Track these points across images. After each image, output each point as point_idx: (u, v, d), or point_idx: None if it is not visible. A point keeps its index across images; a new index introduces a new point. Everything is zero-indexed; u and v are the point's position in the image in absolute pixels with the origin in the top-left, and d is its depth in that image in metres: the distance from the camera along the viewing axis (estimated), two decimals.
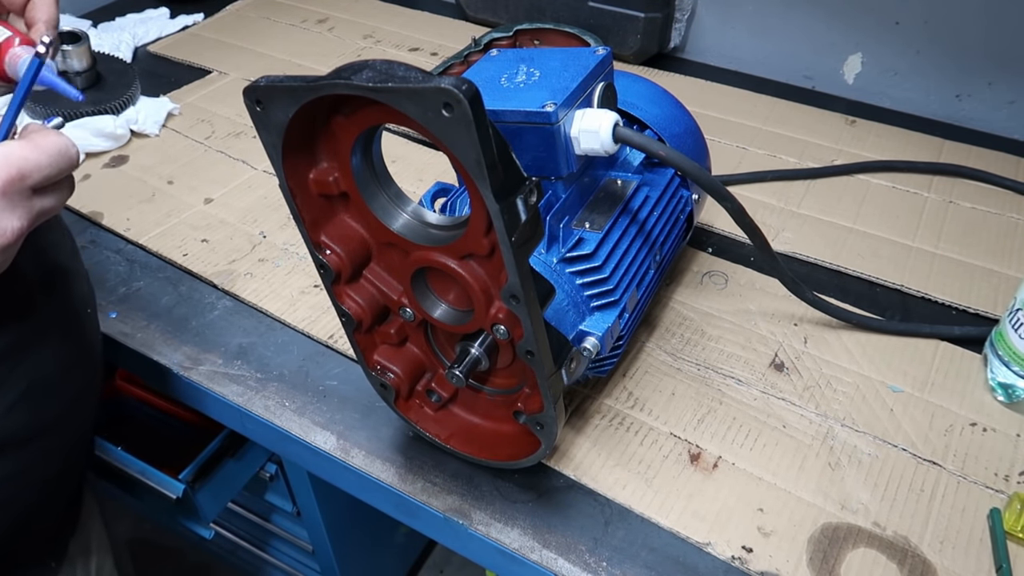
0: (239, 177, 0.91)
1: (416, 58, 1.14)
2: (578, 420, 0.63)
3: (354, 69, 0.38)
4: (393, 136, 0.96)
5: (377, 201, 0.48)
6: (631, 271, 0.59)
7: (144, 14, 1.23)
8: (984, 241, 0.81)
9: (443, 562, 1.40)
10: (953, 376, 0.67)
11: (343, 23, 1.23)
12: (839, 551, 0.54)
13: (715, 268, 0.78)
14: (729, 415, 0.64)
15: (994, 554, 0.54)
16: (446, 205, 0.61)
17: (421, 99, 0.36)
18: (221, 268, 0.78)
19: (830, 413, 0.64)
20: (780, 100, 1.04)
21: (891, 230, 0.82)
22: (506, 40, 1.06)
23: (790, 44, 1.08)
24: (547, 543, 0.55)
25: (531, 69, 0.55)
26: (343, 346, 0.69)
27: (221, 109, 1.02)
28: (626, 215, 0.60)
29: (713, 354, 0.69)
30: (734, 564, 0.54)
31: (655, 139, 0.58)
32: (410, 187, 0.88)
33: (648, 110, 0.67)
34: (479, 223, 0.42)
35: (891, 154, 0.93)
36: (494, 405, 0.57)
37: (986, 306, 0.73)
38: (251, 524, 1.07)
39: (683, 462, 0.60)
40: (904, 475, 0.59)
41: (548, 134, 0.51)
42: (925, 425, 0.63)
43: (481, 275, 0.45)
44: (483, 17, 1.21)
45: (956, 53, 0.98)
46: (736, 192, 0.82)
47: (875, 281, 0.77)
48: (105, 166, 0.92)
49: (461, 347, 0.51)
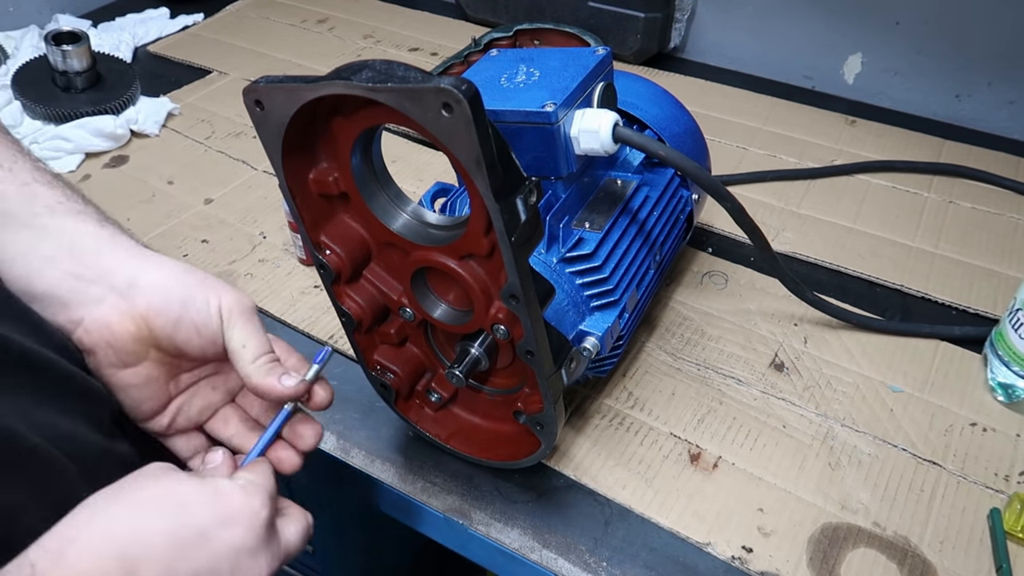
0: (239, 177, 0.91)
1: (416, 58, 1.14)
2: (578, 420, 0.63)
3: (354, 69, 0.38)
4: (393, 136, 0.96)
5: (377, 201, 0.48)
6: (631, 271, 0.59)
7: (144, 14, 1.23)
8: (984, 241, 0.81)
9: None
10: (953, 376, 0.67)
11: (343, 23, 1.23)
12: (839, 551, 0.54)
13: (715, 268, 0.78)
14: (729, 415, 0.64)
15: (994, 554, 0.54)
16: (446, 205, 0.61)
17: (421, 99, 0.36)
18: (221, 269, 0.78)
19: (830, 413, 0.64)
20: (780, 100, 1.04)
21: (891, 230, 0.82)
22: (506, 40, 1.06)
23: (790, 44, 1.08)
24: (547, 543, 0.55)
25: (531, 69, 0.55)
26: (343, 346, 0.69)
27: (221, 109, 1.02)
28: (626, 215, 0.59)
29: (713, 354, 0.69)
30: (734, 564, 0.54)
31: (655, 139, 0.59)
32: (410, 187, 0.88)
33: (648, 110, 0.67)
34: (479, 223, 0.42)
35: (891, 154, 0.93)
36: (494, 405, 0.57)
37: (986, 306, 0.73)
38: None
39: (683, 462, 0.60)
40: (904, 475, 0.59)
41: (548, 134, 0.51)
42: (925, 425, 0.63)
43: (481, 275, 0.45)
44: (483, 17, 1.21)
45: (956, 53, 0.98)
46: (736, 192, 0.82)
47: (875, 281, 0.77)
48: (105, 166, 0.92)
49: (461, 347, 0.51)
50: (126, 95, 0.97)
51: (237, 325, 0.43)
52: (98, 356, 0.42)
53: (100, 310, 0.42)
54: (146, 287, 0.42)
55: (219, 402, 0.47)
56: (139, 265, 0.43)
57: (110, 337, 0.42)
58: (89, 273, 0.42)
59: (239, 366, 0.43)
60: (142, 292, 0.42)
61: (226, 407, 0.48)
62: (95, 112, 0.95)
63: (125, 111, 0.97)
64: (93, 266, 0.42)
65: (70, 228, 0.42)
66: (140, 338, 0.42)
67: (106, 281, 0.42)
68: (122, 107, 0.97)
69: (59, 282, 0.41)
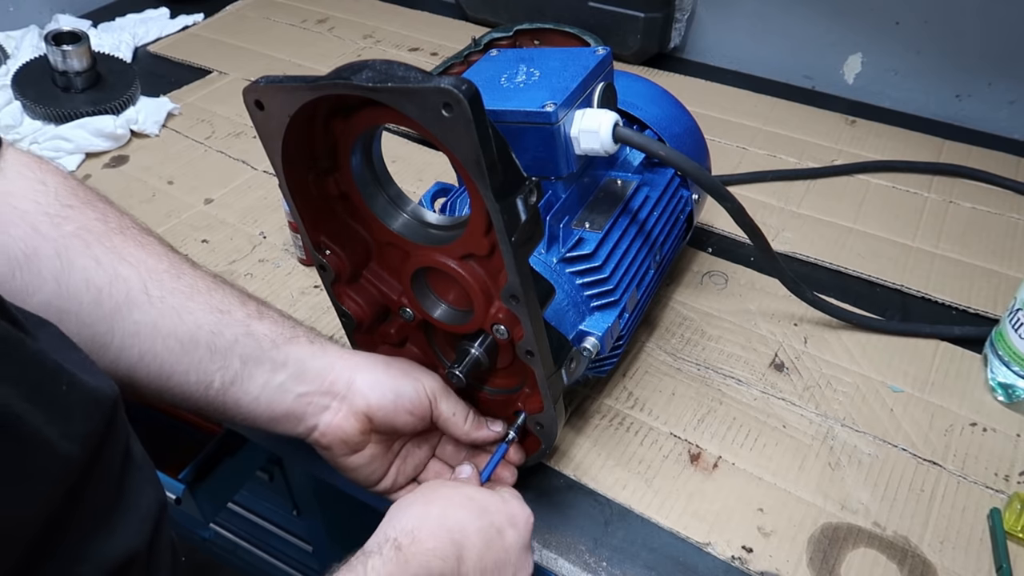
0: (239, 177, 0.90)
1: (416, 58, 1.14)
2: (578, 420, 0.63)
3: (354, 69, 0.38)
4: (393, 136, 0.96)
5: (377, 201, 0.48)
6: (631, 271, 0.59)
7: (144, 14, 1.23)
8: (984, 241, 0.81)
9: None
10: (953, 376, 0.67)
11: (343, 23, 1.23)
12: (839, 551, 0.54)
13: (715, 268, 0.78)
14: (729, 415, 0.64)
15: (994, 554, 0.54)
16: (446, 205, 0.61)
17: (421, 99, 0.36)
18: (221, 269, 0.78)
19: (830, 413, 0.64)
20: (780, 100, 1.04)
21: (891, 230, 0.82)
22: (506, 40, 1.06)
23: (790, 44, 1.08)
24: (547, 543, 0.55)
25: (531, 69, 0.54)
26: (343, 346, 0.69)
27: (221, 109, 1.02)
28: (626, 215, 0.59)
29: (713, 354, 0.69)
30: (734, 564, 0.54)
31: (655, 139, 0.59)
32: (410, 187, 0.88)
33: (648, 110, 0.67)
34: (479, 223, 0.42)
35: (891, 154, 0.93)
36: (494, 405, 0.57)
37: (986, 306, 0.73)
38: (251, 524, 1.07)
39: (683, 462, 0.60)
40: (904, 475, 0.59)
41: (548, 134, 0.51)
42: (925, 425, 0.63)
43: (481, 275, 0.45)
44: (483, 17, 1.21)
45: (956, 53, 0.98)
46: (736, 192, 0.82)
47: (875, 281, 0.77)
48: (105, 166, 0.92)
49: (461, 347, 0.51)
50: (126, 95, 0.97)
51: (443, 400, 0.53)
52: (333, 450, 0.52)
53: (329, 416, 0.51)
54: (363, 388, 0.51)
55: (425, 457, 0.57)
56: (353, 370, 0.52)
57: (342, 435, 0.51)
58: (316, 390, 0.51)
59: (455, 431, 0.54)
60: (361, 394, 0.51)
61: (432, 461, 0.57)
62: (95, 112, 0.94)
63: (125, 111, 0.97)
64: (317, 382, 0.51)
65: (293, 358, 0.51)
66: (364, 431, 0.52)
67: (330, 393, 0.51)
68: (122, 107, 0.97)
69: (294, 403, 0.50)
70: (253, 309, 0.51)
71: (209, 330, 0.48)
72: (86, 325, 0.44)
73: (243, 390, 0.49)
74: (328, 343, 0.54)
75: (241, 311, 0.50)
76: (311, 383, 0.51)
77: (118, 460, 0.36)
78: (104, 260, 0.46)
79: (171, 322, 0.47)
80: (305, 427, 0.51)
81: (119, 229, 0.48)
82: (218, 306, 0.49)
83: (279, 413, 0.50)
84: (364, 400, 0.51)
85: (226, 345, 0.48)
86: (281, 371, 0.50)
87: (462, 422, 0.53)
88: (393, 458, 0.55)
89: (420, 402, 0.52)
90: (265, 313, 0.52)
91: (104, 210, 0.48)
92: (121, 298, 0.45)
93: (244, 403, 0.49)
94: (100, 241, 0.46)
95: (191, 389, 0.48)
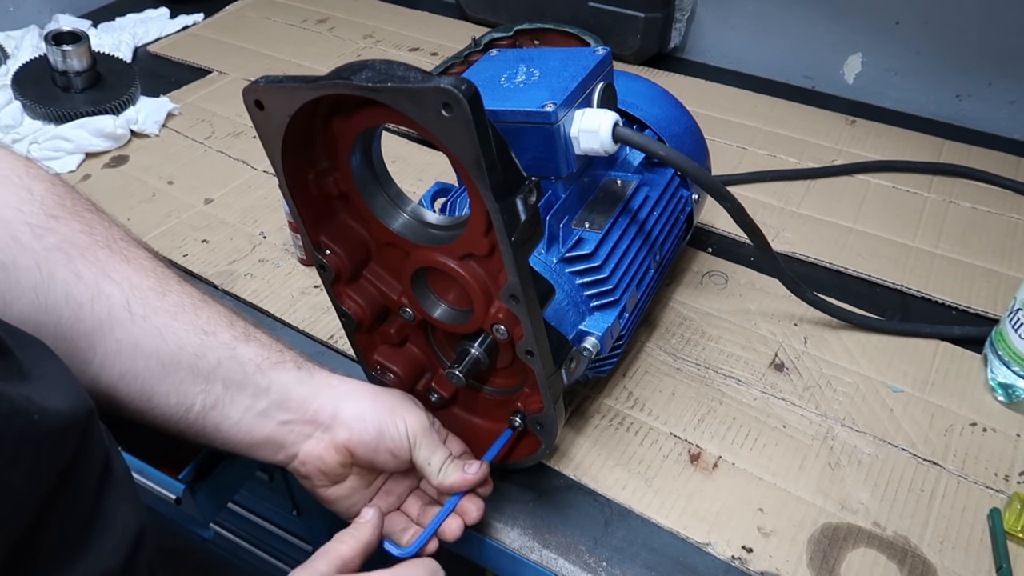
0: (239, 177, 0.90)
1: (416, 58, 1.14)
2: (578, 420, 0.63)
3: (354, 69, 0.38)
4: (393, 136, 0.96)
5: (377, 201, 0.48)
6: (631, 271, 0.59)
7: (144, 14, 1.23)
8: (984, 241, 0.81)
9: None
10: (953, 376, 0.67)
11: (343, 23, 1.23)
12: (839, 551, 0.54)
13: (715, 268, 0.78)
14: (729, 415, 0.64)
15: (994, 554, 0.54)
16: (446, 205, 0.61)
17: (420, 99, 0.36)
18: (221, 268, 0.78)
19: (830, 413, 0.64)
20: (780, 100, 1.04)
21: (891, 230, 0.82)
22: (506, 40, 1.06)
23: (790, 44, 1.08)
24: (547, 543, 0.55)
25: (531, 69, 0.54)
26: (343, 346, 0.69)
27: (221, 109, 1.02)
28: (626, 215, 0.59)
29: (713, 354, 0.69)
30: (734, 564, 0.54)
31: (655, 139, 0.59)
32: (410, 187, 0.88)
33: (648, 110, 0.67)
34: (479, 223, 0.42)
35: (891, 154, 0.93)
36: (494, 405, 0.57)
37: (986, 306, 0.73)
38: (251, 524, 1.07)
39: (683, 462, 0.60)
40: (904, 475, 0.59)
41: (548, 134, 0.51)
42: (925, 425, 0.63)
43: (481, 275, 0.45)
44: (483, 17, 1.21)
45: (956, 53, 0.98)
46: (736, 192, 0.82)
47: (875, 281, 0.77)
48: (105, 166, 0.92)
49: (461, 347, 0.51)
50: (126, 95, 0.97)
51: (422, 446, 0.51)
52: (312, 480, 0.51)
53: (310, 445, 0.50)
54: (347, 419, 0.50)
55: (406, 492, 0.55)
56: (338, 399, 0.51)
57: (321, 465, 0.50)
58: (298, 418, 0.50)
59: (429, 477, 0.51)
60: (344, 426, 0.50)
61: (411, 494, 0.56)
62: (95, 112, 0.95)
63: (125, 111, 0.97)
64: (301, 411, 0.50)
65: (277, 384, 0.50)
66: (344, 463, 0.51)
67: (313, 422, 0.50)
68: (122, 107, 0.97)
69: (275, 430, 0.50)
70: (240, 331, 0.50)
71: (192, 352, 0.47)
72: (66, 340, 0.44)
73: (223, 415, 0.48)
74: (316, 369, 0.53)
75: (227, 332, 0.49)
76: (294, 411, 0.50)
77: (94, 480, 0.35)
78: (86, 275, 0.45)
79: (154, 342, 0.46)
80: (285, 455, 0.51)
81: (105, 242, 0.47)
82: (203, 327, 0.48)
83: (259, 439, 0.50)
84: (347, 433, 0.50)
85: (209, 368, 0.47)
86: (264, 397, 0.49)
87: (435, 472, 0.51)
88: (373, 493, 0.54)
89: (402, 444, 0.51)
90: (253, 335, 0.51)
91: (91, 221, 0.47)
92: (103, 315, 0.45)
93: (224, 428, 0.49)
94: (83, 255, 0.45)
95: (171, 411, 0.47)
